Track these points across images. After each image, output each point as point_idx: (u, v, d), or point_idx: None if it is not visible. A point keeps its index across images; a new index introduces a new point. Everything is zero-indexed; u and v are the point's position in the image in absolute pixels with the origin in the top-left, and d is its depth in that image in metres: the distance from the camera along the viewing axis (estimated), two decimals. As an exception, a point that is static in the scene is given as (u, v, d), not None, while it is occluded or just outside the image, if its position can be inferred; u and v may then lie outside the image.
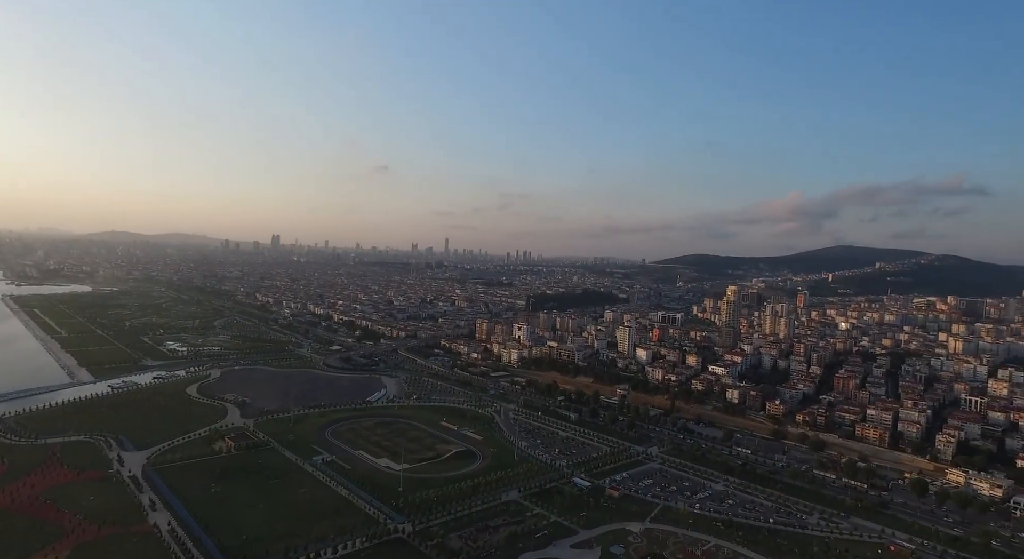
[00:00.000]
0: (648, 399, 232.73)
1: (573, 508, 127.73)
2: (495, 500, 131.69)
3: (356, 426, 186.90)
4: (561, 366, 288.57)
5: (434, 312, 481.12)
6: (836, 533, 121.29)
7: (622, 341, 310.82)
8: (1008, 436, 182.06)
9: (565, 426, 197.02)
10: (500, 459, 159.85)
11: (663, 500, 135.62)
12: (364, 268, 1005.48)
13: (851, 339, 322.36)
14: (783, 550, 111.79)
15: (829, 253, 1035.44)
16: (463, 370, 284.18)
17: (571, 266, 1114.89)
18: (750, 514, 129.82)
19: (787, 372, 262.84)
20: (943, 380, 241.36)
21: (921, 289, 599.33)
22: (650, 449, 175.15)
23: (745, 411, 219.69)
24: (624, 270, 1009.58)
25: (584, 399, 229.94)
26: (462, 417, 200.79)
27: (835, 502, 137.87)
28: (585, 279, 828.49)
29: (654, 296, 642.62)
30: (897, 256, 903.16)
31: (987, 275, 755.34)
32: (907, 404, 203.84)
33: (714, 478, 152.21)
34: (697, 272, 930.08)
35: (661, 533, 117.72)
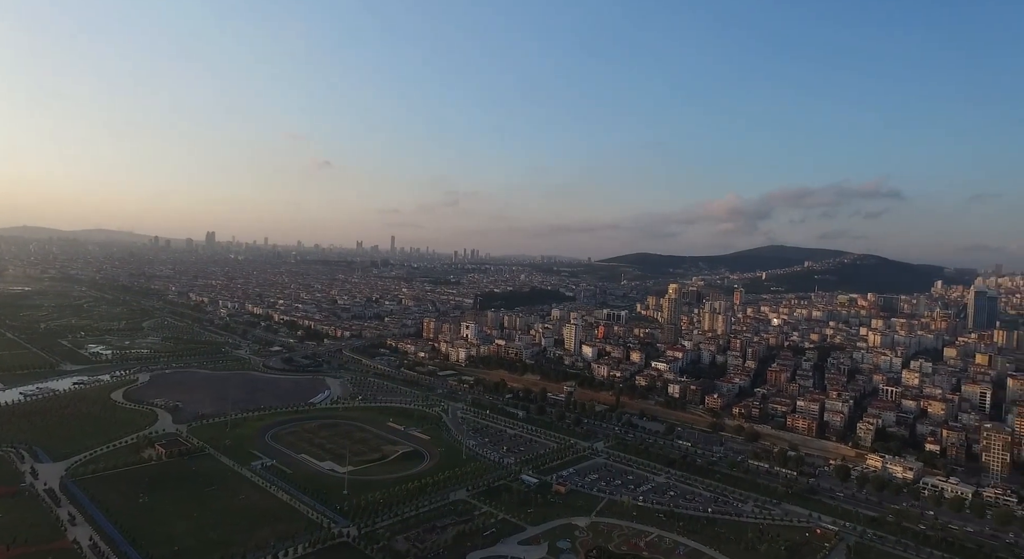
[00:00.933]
0: (594, 395, 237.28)
1: (521, 505, 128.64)
2: (443, 500, 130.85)
3: (298, 429, 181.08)
4: (509, 364, 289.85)
5: (380, 311, 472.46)
6: (769, 519, 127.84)
7: (568, 339, 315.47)
8: (919, 422, 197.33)
9: (513, 424, 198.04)
10: (448, 458, 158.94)
11: (608, 494, 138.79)
12: (306, 266, 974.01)
13: (783, 334, 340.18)
14: (720, 538, 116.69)
15: (763, 252, 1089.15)
16: (410, 369, 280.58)
17: (519, 264, 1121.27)
18: (690, 504, 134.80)
19: (725, 367, 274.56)
20: (864, 372, 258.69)
21: (844, 287, 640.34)
22: (596, 444, 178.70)
23: (686, 405, 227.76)
24: (571, 268, 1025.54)
25: (532, 396, 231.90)
26: (409, 417, 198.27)
27: (768, 490, 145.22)
28: (532, 277, 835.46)
29: (599, 294, 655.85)
30: (823, 255, 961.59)
31: (902, 273, 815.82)
32: (832, 395, 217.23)
33: (657, 471, 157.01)
34: (640, 271, 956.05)
35: (606, 526, 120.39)
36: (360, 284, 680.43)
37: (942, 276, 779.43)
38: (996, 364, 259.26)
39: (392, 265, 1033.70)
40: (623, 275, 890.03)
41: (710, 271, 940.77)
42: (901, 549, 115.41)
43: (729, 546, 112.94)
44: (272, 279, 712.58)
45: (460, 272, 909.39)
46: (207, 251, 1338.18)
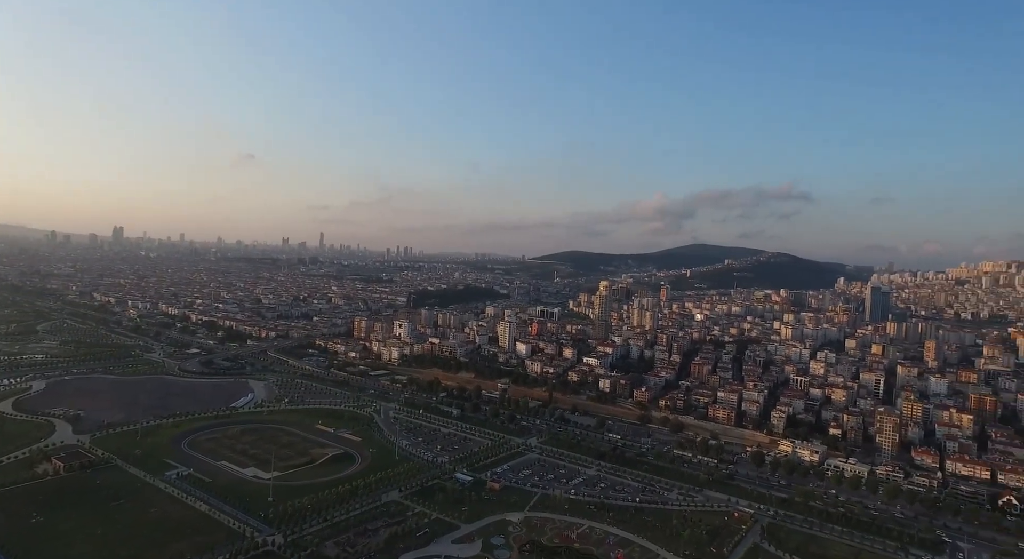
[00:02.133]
0: (528, 392, 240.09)
1: (455, 504, 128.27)
2: (375, 502, 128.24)
3: (218, 435, 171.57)
4: (443, 362, 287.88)
5: (308, 310, 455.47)
6: (692, 506, 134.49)
7: (503, 336, 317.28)
8: (824, 409, 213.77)
9: (447, 422, 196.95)
10: (380, 459, 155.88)
11: (541, 488, 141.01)
12: (227, 264, 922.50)
13: (705, 329, 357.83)
14: (647, 526, 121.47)
15: (687, 251, 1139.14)
16: (340, 370, 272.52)
17: (453, 262, 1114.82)
18: (619, 495, 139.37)
19: (652, 361, 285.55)
20: (777, 363, 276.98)
21: (760, 283, 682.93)
22: (530, 440, 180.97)
23: (616, 399, 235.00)
24: (505, 266, 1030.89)
25: (466, 395, 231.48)
26: (339, 418, 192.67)
27: (691, 478, 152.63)
28: (467, 275, 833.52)
29: (533, 291, 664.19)
30: (742, 254, 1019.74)
31: (810, 270, 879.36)
32: (749, 386, 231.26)
33: (588, 464, 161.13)
34: (573, 268, 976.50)
35: (539, 521, 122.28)
36: (287, 282, 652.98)
37: (844, 273, 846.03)
38: (888, 353, 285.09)
39: (321, 263, 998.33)
40: (556, 273, 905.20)
41: (639, 269, 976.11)
42: (808, 527, 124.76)
43: (655, 533, 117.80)
44: (189, 277, 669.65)
45: (393, 270, 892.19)
46: (114, 248, 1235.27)
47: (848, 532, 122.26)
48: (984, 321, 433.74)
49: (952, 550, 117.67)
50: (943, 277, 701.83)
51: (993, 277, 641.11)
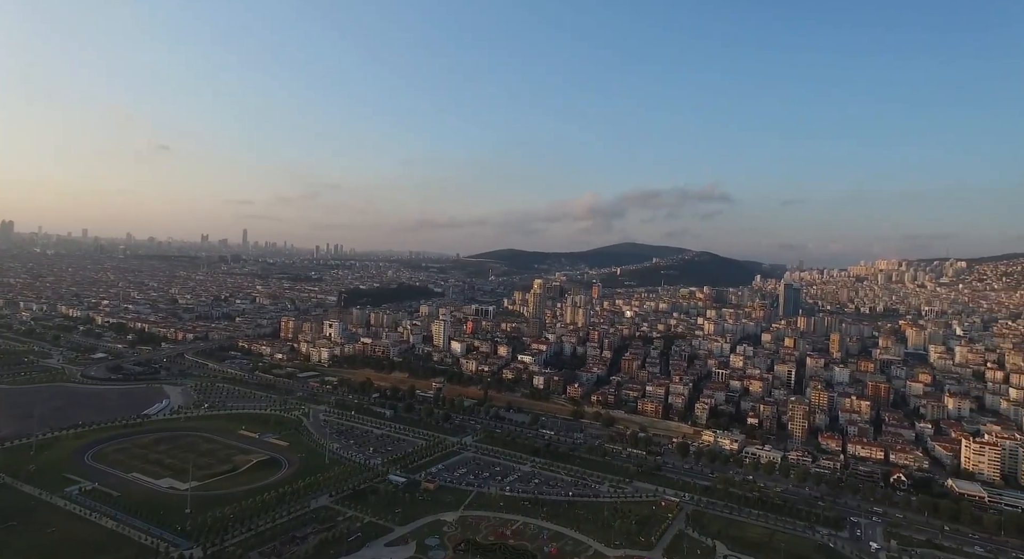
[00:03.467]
0: (463, 390, 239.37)
1: (388, 506, 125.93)
2: (304, 508, 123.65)
3: (128, 445, 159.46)
4: (376, 363, 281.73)
5: (230, 310, 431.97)
6: (622, 497, 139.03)
7: (437, 335, 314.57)
8: (743, 400, 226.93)
9: (380, 423, 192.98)
10: (309, 464, 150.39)
11: (477, 487, 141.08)
12: (139, 262, 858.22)
13: (635, 325, 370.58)
14: (580, 519, 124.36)
15: (618, 249, 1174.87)
16: (266, 372, 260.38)
17: (386, 260, 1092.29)
18: (553, 490, 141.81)
19: (584, 357, 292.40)
20: (701, 357, 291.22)
21: (685, 281, 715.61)
22: (465, 439, 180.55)
23: (550, 395, 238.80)
24: (439, 264, 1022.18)
25: (400, 395, 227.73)
26: (265, 423, 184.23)
27: (621, 470, 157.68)
28: (400, 274, 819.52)
29: (468, 290, 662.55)
30: (668, 252, 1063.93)
31: (730, 269, 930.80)
32: (675, 380, 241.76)
33: (523, 460, 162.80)
34: (507, 266, 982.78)
35: (474, 519, 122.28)
36: (206, 282, 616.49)
37: (761, 271, 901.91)
38: (799, 346, 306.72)
39: (245, 261, 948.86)
40: (491, 271, 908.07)
41: (572, 267, 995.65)
42: (728, 512, 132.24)
43: (587, 525, 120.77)
44: (93, 276, 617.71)
45: (322, 268, 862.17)
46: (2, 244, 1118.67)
47: (764, 515, 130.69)
48: (880, 314, 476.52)
49: (851, 526, 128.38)
50: (845, 274, 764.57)
51: (887, 274, 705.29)
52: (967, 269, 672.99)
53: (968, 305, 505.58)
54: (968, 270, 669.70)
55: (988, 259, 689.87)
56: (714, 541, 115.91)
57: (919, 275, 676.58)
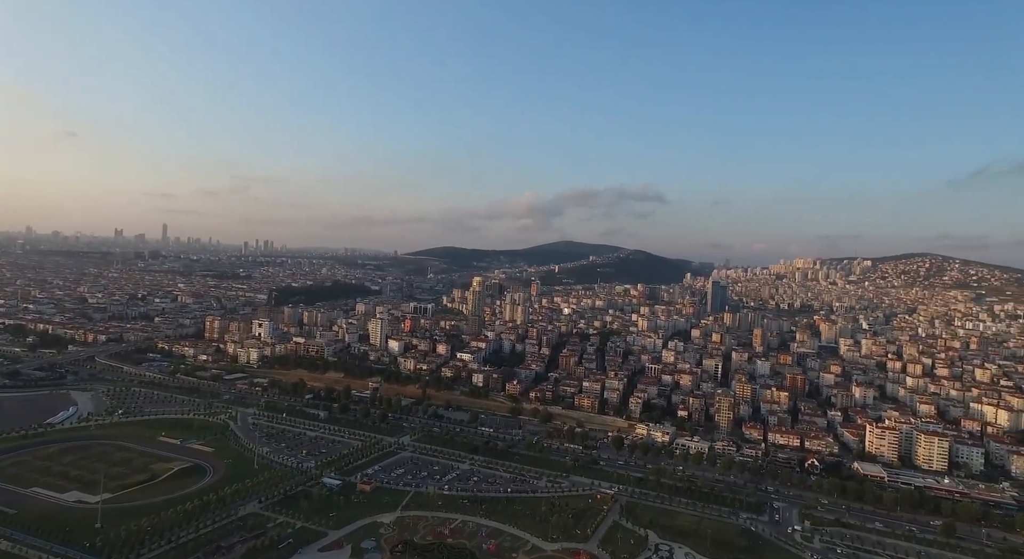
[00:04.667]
0: (401, 389, 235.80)
1: (322, 510, 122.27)
2: (230, 516, 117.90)
3: (27, 457, 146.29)
4: (309, 363, 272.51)
5: (148, 310, 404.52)
6: (559, 492, 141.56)
7: (374, 333, 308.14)
8: (674, 393, 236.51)
9: (314, 425, 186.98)
10: (237, 470, 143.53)
11: (415, 486, 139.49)
12: (40, 258, 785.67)
13: (572, 322, 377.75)
14: (518, 515, 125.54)
15: (556, 247, 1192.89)
16: (189, 375, 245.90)
17: (320, 257, 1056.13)
18: (492, 487, 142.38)
19: (523, 354, 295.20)
20: (635, 352, 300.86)
21: (621, 278, 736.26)
22: (403, 438, 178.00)
23: (489, 393, 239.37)
24: (376, 261, 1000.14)
25: (335, 395, 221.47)
26: (187, 429, 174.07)
27: (559, 465, 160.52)
28: (335, 271, 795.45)
29: (406, 287, 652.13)
30: (605, 251, 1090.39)
31: (663, 267, 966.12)
32: (611, 375, 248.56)
33: (462, 459, 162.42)
34: (447, 264, 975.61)
35: (412, 519, 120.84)
36: (121, 279, 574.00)
37: (691, 269, 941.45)
38: (725, 341, 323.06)
39: (164, 257, 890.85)
40: (430, 268, 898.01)
41: (511, 264, 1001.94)
42: (660, 501, 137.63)
43: (526, 521, 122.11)
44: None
45: (251, 265, 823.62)
46: None
47: (692, 503, 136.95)
48: (797, 310, 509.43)
49: (771, 510, 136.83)
50: (767, 272, 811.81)
51: (803, 272, 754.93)
52: (872, 268, 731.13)
53: (872, 301, 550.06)
54: (873, 268, 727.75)
55: (890, 258, 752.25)
56: (646, 530, 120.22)
57: (831, 273, 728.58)
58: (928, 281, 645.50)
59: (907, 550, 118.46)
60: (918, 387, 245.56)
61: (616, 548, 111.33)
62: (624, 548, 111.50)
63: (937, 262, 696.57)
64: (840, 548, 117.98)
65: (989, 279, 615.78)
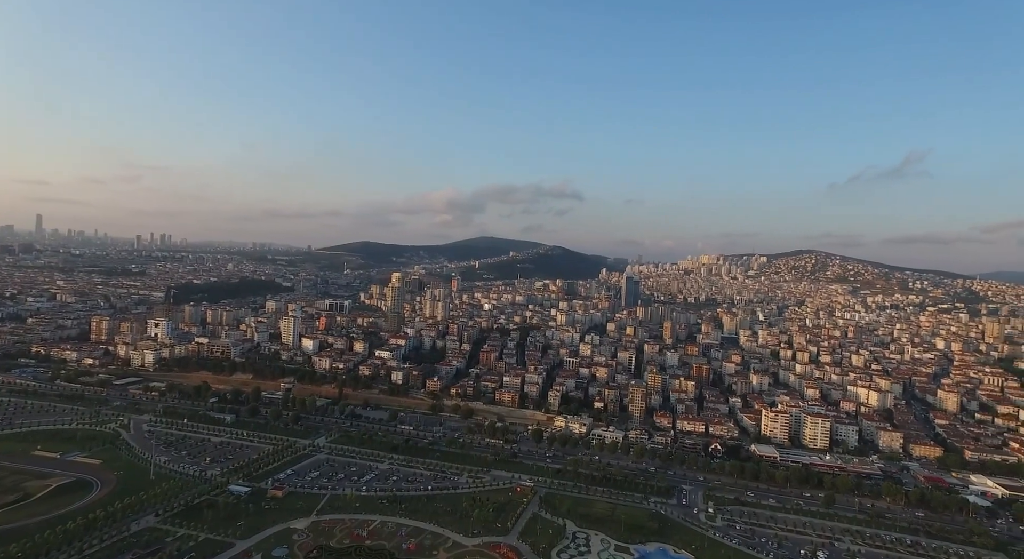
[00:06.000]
0: (316, 389, 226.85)
1: (229, 519, 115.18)
2: (122, 533, 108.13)
3: None
4: (214, 364, 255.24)
5: (20, 310, 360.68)
6: (480, 487, 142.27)
7: (286, 332, 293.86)
8: (590, 385, 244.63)
9: (219, 430, 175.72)
10: (130, 482, 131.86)
11: (331, 489, 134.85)
12: None
13: (493, 318, 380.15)
14: (439, 512, 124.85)
15: (476, 243, 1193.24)
16: (71, 381, 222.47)
17: (226, 252, 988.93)
18: (412, 486, 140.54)
19: (444, 351, 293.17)
20: (553, 347, 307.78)
21: (540, 274, 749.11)
22: (318, 440, 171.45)
23: (409, 390, 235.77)
24: (288, 257, 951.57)
25: (243, 398, 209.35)
26: (69, 440, 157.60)
27: (480, 460, 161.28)
28: (243, 267, 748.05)
29: (321, 284, 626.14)
30: (525, 246, 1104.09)
31: (580, 262, 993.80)
32: (530, 369, 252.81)
33: (380, 458, 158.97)
34: (364, 259, 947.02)
35: (328, 523, 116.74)
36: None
37: (606, 264, 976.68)
38: (638, 334, 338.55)
39: (40, 251, 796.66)
40: (346, 264, 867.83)
41: (431, 260, 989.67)
42: (577, 491, 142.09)
43: (447, 518, 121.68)
44: None
45: (146, 260, 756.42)
46: None
47: (608, 491, 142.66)
48: (703, 303, 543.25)
49: (679, 493, 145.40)
50: (676, 268, 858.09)
51: (708, 268, 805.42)
52: (767, 263, 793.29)
53: (768, 294, 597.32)
54: (768, 264, 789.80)
55: (783, 255, 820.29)
56: (564, 520, 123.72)
57: (732, 268, 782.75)
58: (814, 276, 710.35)
59: (795, 522, 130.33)
60: (806, 373, 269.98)
61: (535, 539, 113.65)
62: (543, 538, 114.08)
63: (821, 258, 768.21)
64: (739, 524, 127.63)
65: (863, 274, 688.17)
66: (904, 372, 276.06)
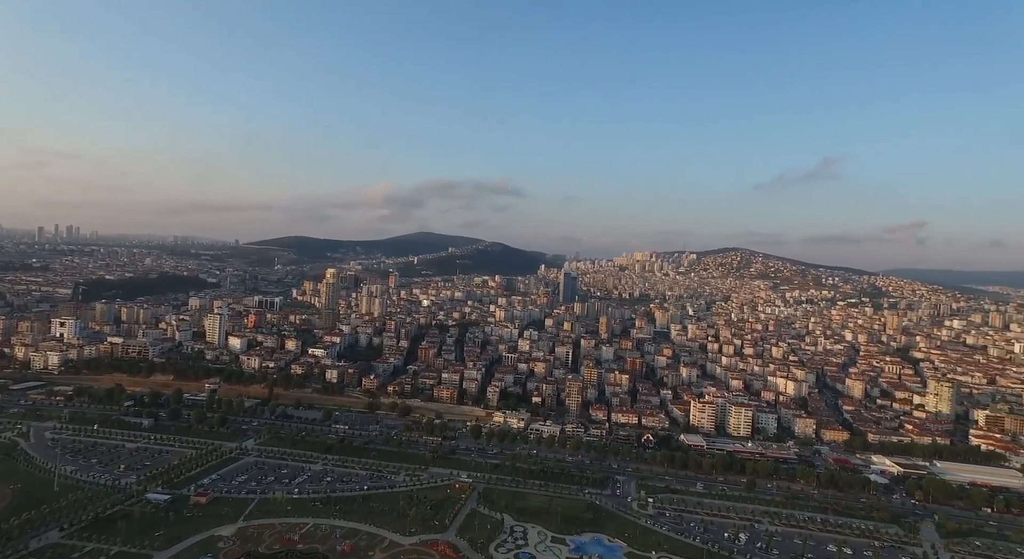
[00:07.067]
0: (244, 390, 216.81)
1: (145, 530, 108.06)
2: (20, 551, 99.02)
3: None
4: (129, 366, 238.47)
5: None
6: (418, 485, 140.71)
7: (211, 330, 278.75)
8: (529, 381, 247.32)
9: (135, 436, 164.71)
10: (29, 495, 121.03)
11: (260, 493, 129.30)
12: None
13: (431, 314, 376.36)
14: (375, 512, 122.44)
15: (415, 238, 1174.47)
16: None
17: (143, 246, 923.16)
18: (347, 486, 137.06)
19: (381, 348, 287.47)
20: (493, 342, 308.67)
21: (479, 270, 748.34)
22: (246, 443, 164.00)
23: (344, 389, 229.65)
24: (214, 252, 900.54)
25: (162, 400, 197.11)
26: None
27: (418, 458, 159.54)
28: (162, 262, 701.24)
29: (250, 280, 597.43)
30: (464, 242, 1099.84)
31: (519, 258, 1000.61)
32: (469, 365, 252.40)
33: (313, 459, 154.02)
34: (297, 255, 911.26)
35: (256, 528, 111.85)
36: None
37: (545, 261, 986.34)
38: (575, 329, 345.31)
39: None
40: (277, 259, 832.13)
41: (367, 256, 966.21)
42: (515, 485, 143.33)
43: (383, 518, 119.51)
44: None
45: (49, 254, 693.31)
46: None
47: (545, 484, 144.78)
48: (637, 299, 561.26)
49: (613, 484, 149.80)
50: (612, 264, 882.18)
51: (642, 264, 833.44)
52: (697, 260, 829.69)
53: (697, 290, 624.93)
54: (698, 261, 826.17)
55: (711, 252, 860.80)
56: (502, 514, 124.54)
57: (664, 265, 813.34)
58: (739, 272, 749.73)
59: (720, 507, 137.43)
60: (731, 365, 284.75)
61: (474, 535, 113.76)
62: (481, 534, 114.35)
63: (746, 256, 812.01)
64: (669, 511, 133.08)
65: (783, 271, 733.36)
66: (817, 362, 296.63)
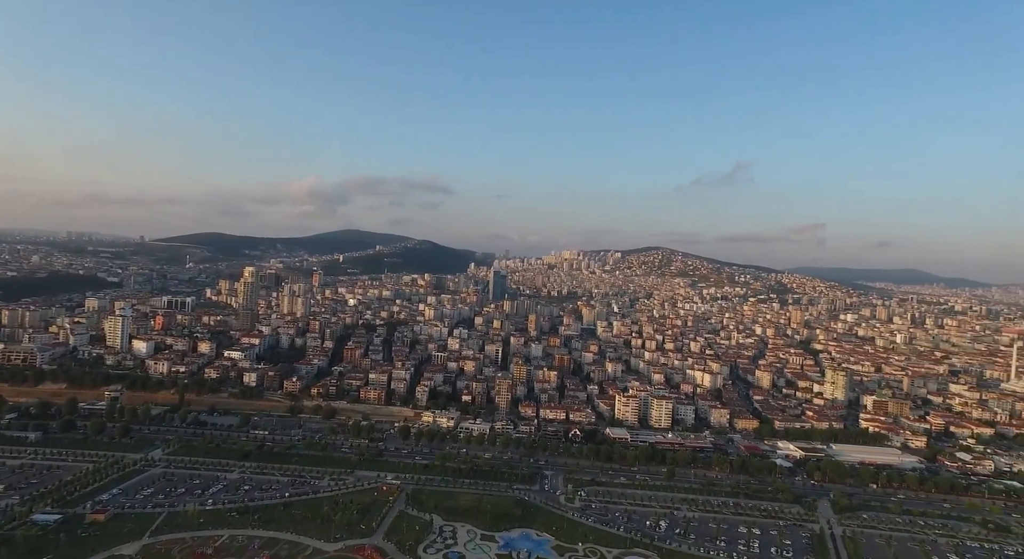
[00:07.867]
0: (150, 397, 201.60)
1: (31, 555, 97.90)
2: None
3: None
4: (12, 374, 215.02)
5: None
6: (343, 489, 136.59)
7: (112, 333, 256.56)
8: (458, 379, 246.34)
9: (19, 451, 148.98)
10: None
11: (168, 507, 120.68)
12: None
13: (358, 314, 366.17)
14: (298, 519, 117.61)
15: (340, 236, 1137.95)
16: None
17: (30, 242, 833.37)
18: (266, 494, 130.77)
19: (304, 349, 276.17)
20: (422, 342, 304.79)
21: (408, 268, 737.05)
22: (152, 453, 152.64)
23: (263, 393, 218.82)
24: (115, 249, 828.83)
25: (52, 411, 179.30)
26: None
27: (343, 461, 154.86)
28: (53, 259, 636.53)
29: (158, 279, 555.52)
30: (392, 240, 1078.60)
31: (449, 257, 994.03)
32: (397, 365, 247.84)
33: (229, 468, 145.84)
34: (211, 252, 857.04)
35: (164, 544, 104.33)
36: None
37: (475, 259, 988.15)
38: (505, 327, 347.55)
39: None
40: (189, 257, 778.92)
41: (289, 253, 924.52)
42: (445, 485, 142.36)
43: (306, 525, 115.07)
44: None
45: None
46: None
47: (475, 482, 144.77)
48: (565, 297, 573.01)
49: (541, 479, 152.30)
50: (541, 262, 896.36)
51: (570, 262, 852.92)
52: (622, 259, 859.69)
53: (622, 288, 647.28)
54: (622, 259, 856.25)
55: (635, 251, 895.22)
56: (431, 515, 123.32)
57: (591, 263, 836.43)
58: (661, 270, 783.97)
59: (642, 496, 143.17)
60: (653, 360, 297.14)
61: (401, 537, 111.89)
62: (409, 536, 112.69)
63: (667, 254, 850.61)
64: (595, 503, 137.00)
65: (700, 269, 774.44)
66: (731, 355, 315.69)
